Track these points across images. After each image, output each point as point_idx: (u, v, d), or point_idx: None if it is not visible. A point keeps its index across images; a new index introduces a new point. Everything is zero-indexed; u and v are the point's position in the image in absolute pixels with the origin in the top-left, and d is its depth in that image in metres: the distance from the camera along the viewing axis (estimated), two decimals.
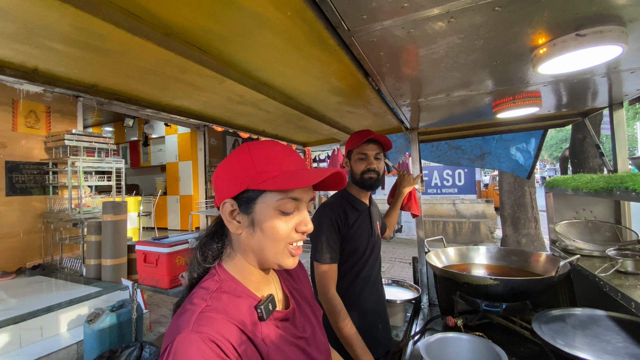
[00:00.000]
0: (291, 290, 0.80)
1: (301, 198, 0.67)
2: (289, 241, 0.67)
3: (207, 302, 0.61)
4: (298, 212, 0.68)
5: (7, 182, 4.73)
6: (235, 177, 0.66)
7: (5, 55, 0.89)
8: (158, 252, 2.39)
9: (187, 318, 0.58)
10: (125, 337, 2.82)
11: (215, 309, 0.60)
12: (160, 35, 0.81)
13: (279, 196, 0.65)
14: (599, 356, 0.90)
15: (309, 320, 0.78)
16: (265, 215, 0.65)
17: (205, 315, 0.59)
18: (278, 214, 0.65)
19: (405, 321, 1.88)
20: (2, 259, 4.59)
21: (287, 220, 0.66)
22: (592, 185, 1.21)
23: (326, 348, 0.79)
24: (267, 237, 0.65)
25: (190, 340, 0.54)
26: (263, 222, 0.65)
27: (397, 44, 0.85)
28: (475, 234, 8.21)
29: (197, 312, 0.59)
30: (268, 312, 0.66)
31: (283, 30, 0.81)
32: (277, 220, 0.65)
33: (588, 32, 0.80)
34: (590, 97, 1.51)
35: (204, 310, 0.60)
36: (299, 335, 0.72)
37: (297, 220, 0.67)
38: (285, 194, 0.65)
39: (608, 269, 1.19)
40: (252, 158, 0.66)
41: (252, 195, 0.65)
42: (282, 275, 0.81)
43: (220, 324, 0.58)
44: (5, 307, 3.26)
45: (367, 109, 1.61)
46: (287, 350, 0.67)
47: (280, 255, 0.67)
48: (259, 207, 0.65)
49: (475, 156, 2.64)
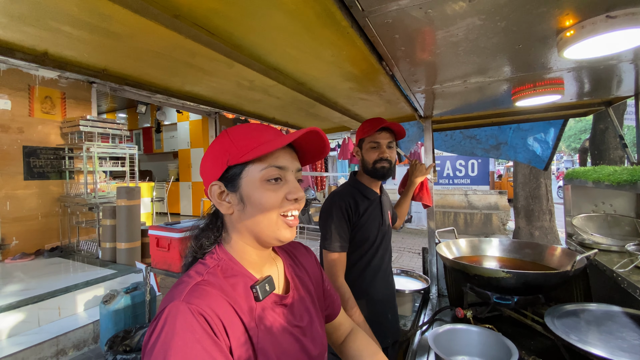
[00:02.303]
0: (293, 277, 0.78)
1: (285, 166, 0.67)
2: (281, 211, 0.66)
3: (203, 277, 0.62)
4: (286, 181, 0.67)
5: (25, 167, 4.86)
6: (217, 158, 0.66)
7: (16, 39, 0.88)
8: (170, 237, 2.44)
9: (182, 289, 0.59)
10: (139, 318, 2.91)
11: (210, 284, 0.61)
12: (168, 17, 0.79)
13: (261, 166, 0.65)
14: (613, 353, 0.87)
15: (308, 310, 0.76)
16: (252, 188, 0.65)
17: (199, 288, 0.59)
18: (265, 184, 0.65)
19: (414, 311, 1.88)
20: (21, 240, 4.77)
21: (276, 190, 0.65)
22: (615, 177, 1.16)
23: (322, 342, 0.76)
24: (258, 210, 0.65)
25: (180, 310, 0.54)
26: (251, 196, 0.65)
27: (413, 26, 0.81)
28: (487, 225, 8.11)
29: (191, 284, 0.59)
30: (264, 293, 0.66)
31: (294, 10, 0.78)
32: (264, 190, 0.65)
33: (619, 14, 0.75)
34: (615, 85, 1.43)
35: (199, 283, 0.60)
36: (295, 324, 0.70)
37: (286, 189, 0.66)
38: (267, 162, 0.65)
39: (627, 265, 1.15)
40: (230, 138, 0.66)
41: (236, 171, 0.65)
42: (286, 261, 0.80)
43: (213, 299, 0.58)
44: (24, 287, 3.39)
45: (379, 95, 1.57)
46: (279, 335, 0.66)
47: (275, 227, 0.66)
48: (245, 182, 0.65)
49: (491, 146, 2.57)
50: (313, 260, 0.89)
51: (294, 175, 0.68)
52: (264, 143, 0.64)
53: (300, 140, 0.68)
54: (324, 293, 0.88)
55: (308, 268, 0.85)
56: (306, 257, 0.88)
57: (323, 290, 0.87)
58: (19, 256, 4.47)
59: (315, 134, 0.66)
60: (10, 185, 4.71)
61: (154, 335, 0.53)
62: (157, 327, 0.53)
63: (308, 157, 0.74)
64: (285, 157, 0.68)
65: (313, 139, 0.68)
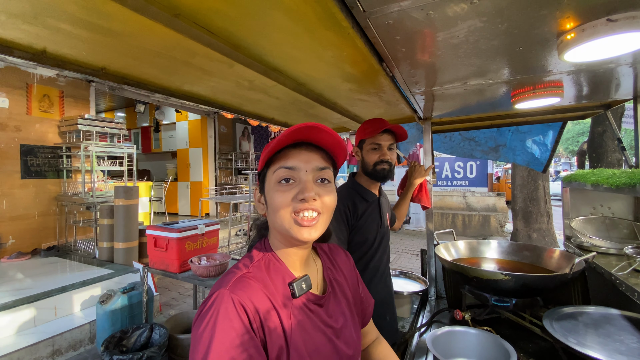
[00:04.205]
0: (331, 279, 0.80)
1: (296, 166, 0.67)
2: (293, 211, 0.66)
3: (248, 269, 0.67)
4: (298, 182, 0.68)
5: (23, 165, 4.83)
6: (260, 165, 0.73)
7: (14, 37, 0.88)
8: (168, 237, 2.42)
9: (229, 278, 0.64)
10: (136, 318, 2.90)
11: (254, 277, 0.65)
12: (168, 16, 0.78)
13: (274, 167, 0.68)
14: (611, 356, 0.87)
15: (343, 313, 0.77)
16: (269, 190, 0.69)
17: (244, 280, 0.64)
18: (277, 185, 0.68)
19: (412, 313, 1.87)
20: (18, 240, 4.74)
21: (286, 190, 0.67)
22: (614, 180, 1.16)
23: (357, 346, 0.76)
24: (272, 210, 0.68)
25: (224, 299, 0.59)
26: (268, 197, 0.69)
27: (414, 27, 0.81)
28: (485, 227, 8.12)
29: (238, 275, 0.65)
30: (301, 291, 0.68)
31: (294, 10, 0.78)
32: (276, 191, 0.67)
33: (620, 17, 0.75)
34: (614, 88, 1.44)
35: (245, 275, 0.65)
36: (329, 324, 0.71)
37: (297, 189, 0.67)
38: (279, 163, 0.68)
39: (625, 268, 1.15)
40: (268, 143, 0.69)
41: (263, 174, 0.71)
42: (325, 263, 0.82)
43: (254, 291, 0.62)
44: (20, 287, 3.37)
45: (379, 97, 1.57)
46: (313, 333, 0.67)
47: (288, 226, 0.67)
48: (266, 185, 0.70)
49: (490, 148, 2.57)
50: (351, 266, 0.90)
51: (310, 174, 0.68)
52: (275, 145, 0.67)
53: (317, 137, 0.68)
54: (360, 299, 0.88)
55: (346, 273, 0.86)
56: (345, 262, 0.89)
57: (359, 296, 0.88)
58: (15, 255, 4.44)
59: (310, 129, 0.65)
60: (7, 183, 4.68)
61: (205, 318, 0.58)
62: (205, 309, 0.60)
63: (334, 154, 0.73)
64: (299, 157, 0.68)
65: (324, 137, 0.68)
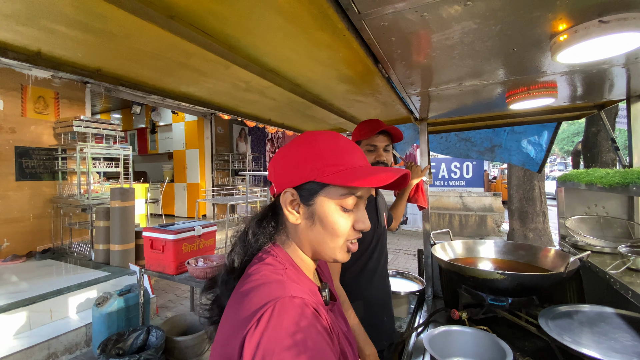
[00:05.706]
0: None
1: (363, 195, 0.66)
2: (348, 238, 0.66)
3: (283, 277, 0.60)
4: (357, 209, 0.66)
5: (17, 167, 4.80)
6: (300, 167, 0.64)
7: (8, 38, 0.87)
8: (164, 239, 2.42)
9: (276, 287, 0.57)
10: (133, 320, 2.88)
11: (294, 281, 0.60)
12: (164, 17, 0.78)
13: (342, 191, 0.64)
14: (606, 354, 0.88)
15: (342, 316, 0.78)
16: (327, 210, 0.64)
17: (294, 285, 0.58)
18: (339, 209, 0.64)
19: (409, 313, 1.88)
20: (12, 242, 4.70)
21: (347, 217, 0.65)
22: (607, 180, 1.17)
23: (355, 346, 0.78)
24: (328, 232, 0.64)
25: (294, 304, 0.54)
26: (323, 217, 0.64)
27: (409, 29, 0.81)
28: (481, 227, 8.16)
29: (284, 282, 0.58)
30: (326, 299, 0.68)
31: (291, 12, 0.78)
32: (338, 216, 0.64)
33: (611, 19, 0.76)
34: (607, 88, 1.45)
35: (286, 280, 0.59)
36: (346, 329, 0.72)
37: (355, 217, 0.66)
38: (350, 190, 0.64)
39: (619, 266, 1.16)
40: (319, 149, 0.64)
41: (315, 187, 0.64)
42: (317, 269, 0.81)
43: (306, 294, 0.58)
44: (15, 290, 3.34)
45: (375, 97, 1.57)
46: (342, 339, 0.66)
47: (338, 250, 0.66)
48: (320, 200, 0.64)
49: (485, 149, 2.59)
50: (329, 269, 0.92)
51: (364, 202, 0.68)
52: (354, 168, 0.63)
53: None
54: None
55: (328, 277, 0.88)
56: (326, 266, 0.90)
57: None
58: (10, 258, 4.40)
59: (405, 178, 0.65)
60: (1, 186, 4.64)
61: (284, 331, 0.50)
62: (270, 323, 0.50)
63: None
64: (367, 188, 0.66)
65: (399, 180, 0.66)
